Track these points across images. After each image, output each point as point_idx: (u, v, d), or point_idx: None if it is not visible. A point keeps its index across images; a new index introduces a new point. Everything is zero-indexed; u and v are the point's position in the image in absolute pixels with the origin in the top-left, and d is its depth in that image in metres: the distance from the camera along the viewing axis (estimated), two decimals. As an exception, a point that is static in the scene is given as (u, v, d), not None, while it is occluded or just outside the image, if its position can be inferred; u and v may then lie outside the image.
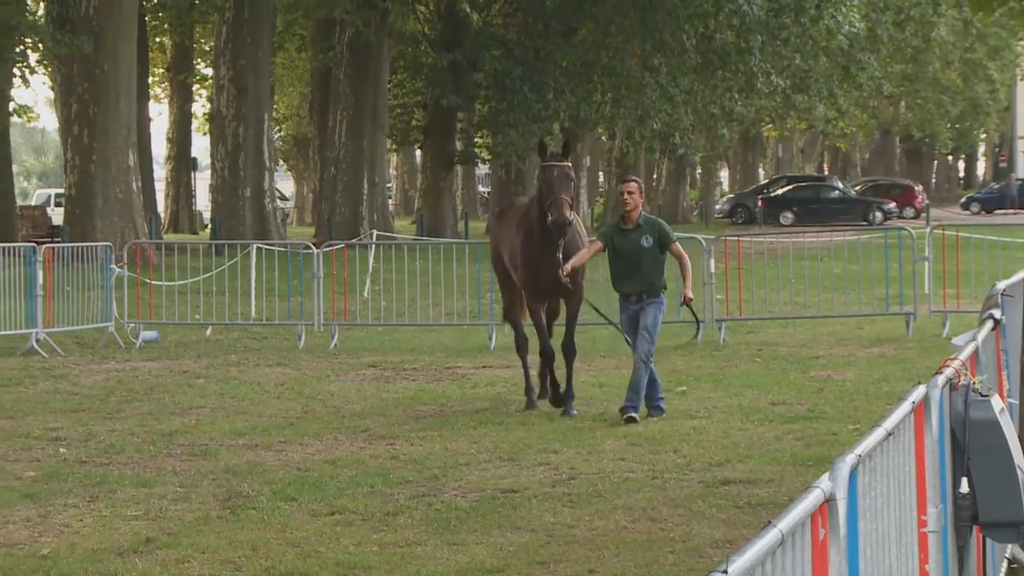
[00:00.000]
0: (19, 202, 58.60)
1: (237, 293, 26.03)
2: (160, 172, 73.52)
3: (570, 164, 17.01)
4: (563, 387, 16.97)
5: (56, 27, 43.82)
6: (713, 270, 24.15)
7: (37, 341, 23.20)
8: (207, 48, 67.44)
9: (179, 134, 72.14)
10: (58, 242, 33.30)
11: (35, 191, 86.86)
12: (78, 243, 29.94)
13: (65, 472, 13.59)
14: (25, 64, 47.02)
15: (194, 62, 71.67)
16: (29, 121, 66.94)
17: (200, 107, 76.75)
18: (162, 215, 65.43)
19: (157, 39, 66.34)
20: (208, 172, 60.56)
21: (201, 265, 27.51)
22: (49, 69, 49.55)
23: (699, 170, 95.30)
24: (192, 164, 73.81)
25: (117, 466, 13.90)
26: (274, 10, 53.34)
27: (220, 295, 26.01)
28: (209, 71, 65.45)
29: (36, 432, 15.77)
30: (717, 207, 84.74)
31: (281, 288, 26.32)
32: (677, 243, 16.58)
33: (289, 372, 20.79)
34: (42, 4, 47.76)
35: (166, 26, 63.50)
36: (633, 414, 15.75)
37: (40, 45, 45.19)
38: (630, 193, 16.43)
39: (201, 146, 79.97)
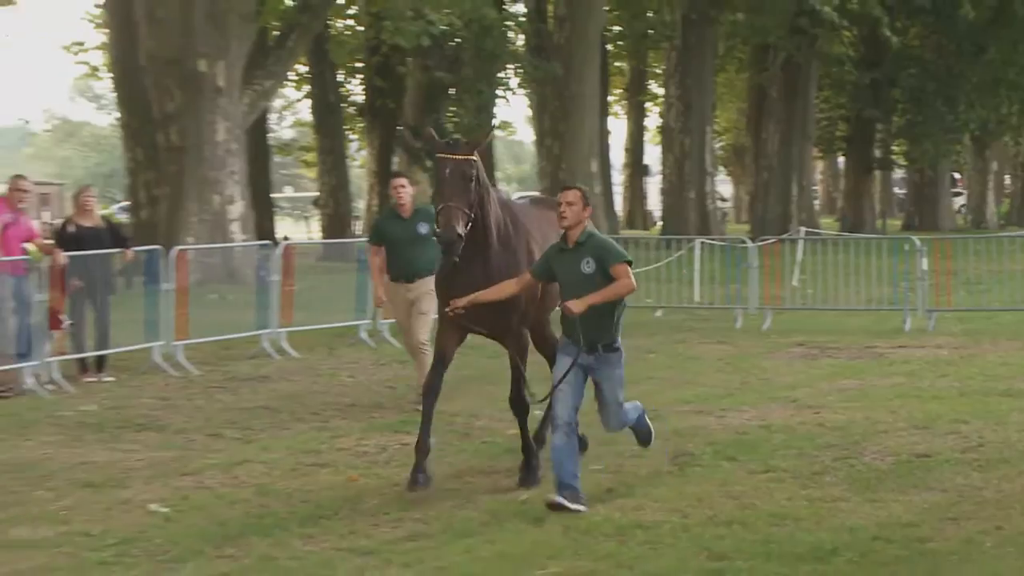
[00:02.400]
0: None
1: (683, 280, 26.09)
2: (618, 177, 74.25)
3: (473, 158, 10.94)
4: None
5: (534, 55, 44.93)
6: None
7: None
8: (659, 71, 67.69)
9: (634, 145, 73.02)
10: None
11: (513, 193, 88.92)
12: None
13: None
14: (507, 87, 48.24)
15: (647, 83, 72.17)
16: (510, 134, 68.56)
17: (652, 121, 77.24)
18: (619, 214, 66.15)
19: (616, 64, 66.99)
20: (659, 177, 61.02)
21: (653, 256, 27.67)
22: (527, 90, 50.67)
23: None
24: (644, 170, 74.44)
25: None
26: (716, 37, 53.39)
27: (668, 282, 26.11)
28: (660, 90, 65.76)
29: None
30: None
31: (721, 276, 26.25)
32: (624, 265, 10.74)
33: (728, 349, 20.73)
34: (522, 36, 48.86)
35: (624, 53, 64.07)
36: None
37: (520, 70, 46.35)
38: (569, 204, 10.64)
39: (653, 155, 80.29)
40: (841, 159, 74.72)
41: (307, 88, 53.45)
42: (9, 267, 16.67)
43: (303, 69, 52.22)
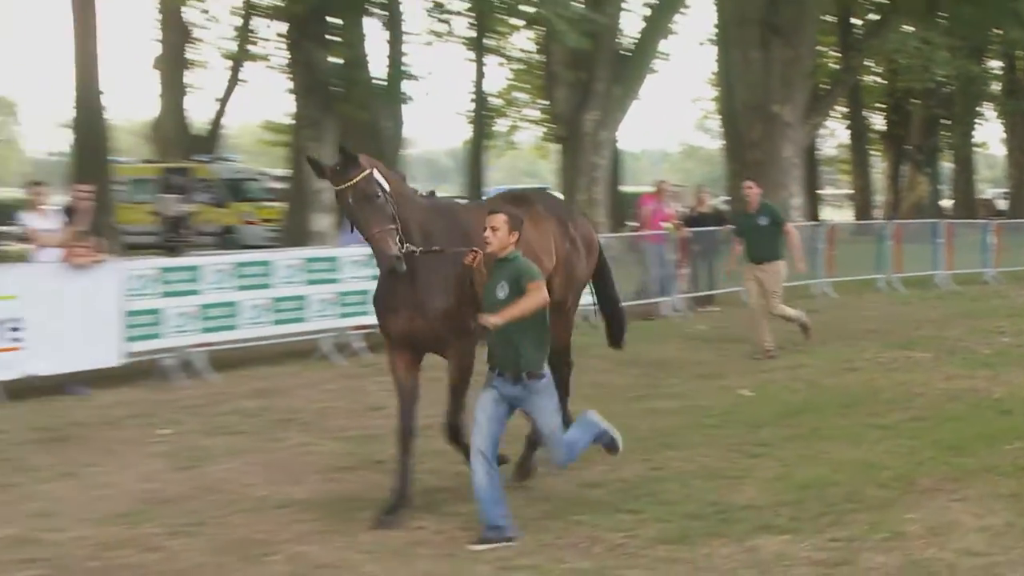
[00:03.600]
0: (977, 196, 55.97)
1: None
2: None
3: (364, 175, 6.58)
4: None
5: (1007, 96, 42.27)
6: None
7: (991, 278, 22.11)
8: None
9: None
10: (1002, 219, 31.53)
11: (987, 189, 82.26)
12: (1014, 220, 28.24)
13: (1008, 351, 12.94)
14: (984, 118, 45.47)
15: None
16: (986, 150, 63.68)
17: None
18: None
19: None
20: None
21: None
22: (1001, 120, 47.43)
23: None
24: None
25: (1014, 348, 12.98)
26: None
27: None
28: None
29: (986, 328, 14.94)
30: None
31: None
32: (539, 281, 6.45)
33: None
34: (999, 83, 45.69)
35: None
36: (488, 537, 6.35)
37: (997, 107, 43.84)
38: (493, 230, 6.50)
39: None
40: None
41: (845, 121, 51.90)
42: (654, 238, 17.31)
43: (843, 109, 50.76)
